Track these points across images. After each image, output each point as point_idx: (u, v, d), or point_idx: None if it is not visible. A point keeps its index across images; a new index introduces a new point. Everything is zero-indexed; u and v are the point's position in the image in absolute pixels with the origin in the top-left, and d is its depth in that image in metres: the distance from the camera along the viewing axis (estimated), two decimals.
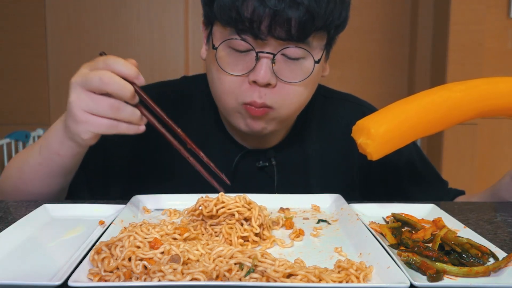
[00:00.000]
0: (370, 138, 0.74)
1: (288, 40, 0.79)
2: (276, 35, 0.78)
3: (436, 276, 0.52)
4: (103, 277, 0.51)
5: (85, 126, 0.71)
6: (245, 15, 0.77)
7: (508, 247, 0.64)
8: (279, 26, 0.77)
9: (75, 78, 0.72)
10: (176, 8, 2.47)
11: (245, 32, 0.78)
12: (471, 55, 2.26)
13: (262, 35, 0.78)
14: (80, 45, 2.46)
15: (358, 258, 0.59)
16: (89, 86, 0.70)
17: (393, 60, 2.56)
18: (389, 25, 2.51)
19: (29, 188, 0.85)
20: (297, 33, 0.78)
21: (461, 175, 2.30)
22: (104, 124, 0.71)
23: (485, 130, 2.34)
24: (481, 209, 0.83)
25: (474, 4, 2.23)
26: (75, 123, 0.72)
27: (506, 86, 0.79)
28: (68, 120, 0.73)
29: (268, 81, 0.80)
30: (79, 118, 0.71)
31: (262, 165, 0.96)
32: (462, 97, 0.77)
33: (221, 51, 0.82)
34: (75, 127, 0.72)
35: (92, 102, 0.70)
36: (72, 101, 0.71)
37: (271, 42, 0.79)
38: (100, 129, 0.72)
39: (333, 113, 1.03)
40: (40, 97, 2.49)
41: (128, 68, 0.71)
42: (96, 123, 0.71)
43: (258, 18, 0.76)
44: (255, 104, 0.83)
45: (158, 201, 0.80)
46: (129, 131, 0.72)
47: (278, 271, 0.50)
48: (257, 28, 0.77)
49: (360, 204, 0.79)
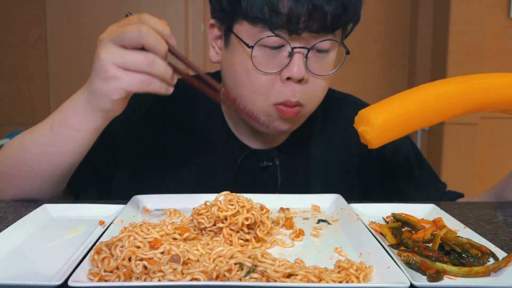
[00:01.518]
0: (369, 126, 0.74)
1: (320, 33, 0.79)
2: (312, 29, 0.78)
3: (436, 276, 0.52)
4: (103, 277, 0.51)
5: (117, 82, 0.67)
6: (281, 10, 0.76)
7: (508, 247, 0.64)
8: (316, 20, 0.77)
9: (105, 34, 0.68)
10: (176, 8, 2.47)
11: (280, 28, 0.78)
12: (471, 55, 2.26)
13: (298, 30, 0.77)
14: (80, 45, 2.46)
15: (358, 258, 0.59)
16: (123, 39, 0.66)
17: (393, 60, 2.56)
18: (389, 25, 2.51)
19: (33, 170, 0.80)
20: (330, 26, 0.79)
21: (461, 175, 2.30)
22: (138, 79, 0.67)
23: (485, 130, 2.34)
24: (481, 209, 0.83)
25: (474, 4, 2.23)
26: (105, 82, 0.67)
27: (505, 80, 0.80)
28: (96, 80, 0.69)
29: (303, 76, 0.80)
30: (110, 74, 0.66)
31: (265, 165, 0.96)
32: (461, 89, 0.78)
33: (254, 50, 0.81)
34: (104, 86, 0.67)
35: (127, 55, 0.66)
36: (102, 57, 0.66)
37: (305, 36, 0.79)
38: (133, 85, 0.67)
39: (335, 113, 1.03)
40: (40, 97, 2.49)
41: (163, 26, 0.68)
42: (130, 78, 0.66)
43: (296, 13, 0.76)
44: (289, 103, 0.82)
45: (158, 201, 0.80)
46: (161, 89, 0.68)
47: (278, 271, 0.50)
48: (295, 23, 0.77)
49: (360, 204, 0.79)
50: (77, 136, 0.76)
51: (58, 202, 0.79)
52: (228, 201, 0.65)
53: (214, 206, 0.65)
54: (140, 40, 0.65)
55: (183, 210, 0.78)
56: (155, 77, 0.67)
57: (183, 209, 0.78)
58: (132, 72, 0.66)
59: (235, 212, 0.64)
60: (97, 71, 0.68)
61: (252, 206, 0.66)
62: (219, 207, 0.65)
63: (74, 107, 0.74)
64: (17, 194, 0.84)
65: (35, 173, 0.80)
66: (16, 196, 0.84)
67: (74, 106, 0.75)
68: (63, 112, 0.76)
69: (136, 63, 0.66)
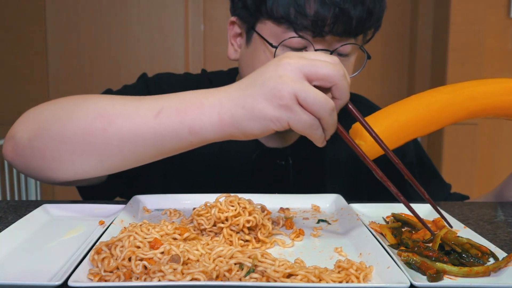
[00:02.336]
0: (363, 140, 0.75)
1: (344, 37, 0.79)
2: (336, 33, 0.78)
3: (436, 276, 0.52)
4: (103, 277, 0.51)
5: (287, 114, 0.59)
6: (307, 12, 0.76)
7: (508, 247, 0.64)
8: (341, 24, 0.77)
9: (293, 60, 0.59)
10: (176, 8, 2.47)
11: (304, 30, 0.77)
12: (471, 55, 2.26)
13: (323, 33, 0.77)
14: (80, 45, 2.46)
15: (358, 258, 0.59)
16: (317, 73, 0.59)
17: (393, 60, 2.56)
18: (389, 25, 2.51)
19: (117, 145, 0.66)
20: (354, 30, 0.79)
21: (461, 175, 2.30)
22: (309, 120, 0.59)
23: (485, 130, 2.34)
24: (481, 209, 0.83)
25: (474, 4, 2.23)
26: (273, 107, 0.59)
27: (494, 87, 0.81)
28: (264, 100, 0.59)
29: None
30: (285, 102, 0.58)
31: (279, 164, 0.97)
32: (450, 98, 0.78)
33: (277, 50, 0.79)
34: (270, 111, 0.59)
35: (311, 91, 0.58)
36: (286, 81, 0.58)
37: (328, 39, 0.79)
38: (300, 124, 0.59)
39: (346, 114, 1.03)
40: (40, 97, 2.49)
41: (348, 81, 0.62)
42: (301, 116, 0.58)
43: (322, 16, 0.76)
44: None
45: (158, 201, 0.80)
46: (320, 139, 0.62)
47: (278, 271, 0.50)
48: (320, 26, 0.76)
49: (360, 204, 0.79)
50: (189, 139, 0.65)
51: (58, 202, 0.79)
52: (229, 202, 0.65)
53: (214, 208, 0.65)
54: (334, 81, 0.59)
55: (183, 210, 0.78)
56: (323, 125, 0.61)
57: (183, 209, 0.78)
58: (306, 111, 0.59)
59: (236, 213, 0.64)
60: (271, 92, 0.59)
61: (254, 209, 0.66)
62: (220, 209, 0.65)
63: (202, 108, 0.63)
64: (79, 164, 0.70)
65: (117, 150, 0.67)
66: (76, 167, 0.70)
67: (202, 107, 0.63)
68: (183, 105, 0.64)
69: (318, 105, 0.58)
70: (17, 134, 0.73)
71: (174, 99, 0.65)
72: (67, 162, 0.70)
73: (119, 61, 2.48)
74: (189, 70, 2.50)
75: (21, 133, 0.72)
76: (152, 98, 0.67)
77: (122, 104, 0.68)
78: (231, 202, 0.65)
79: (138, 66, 2.48)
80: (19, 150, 0.73)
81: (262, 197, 0.78)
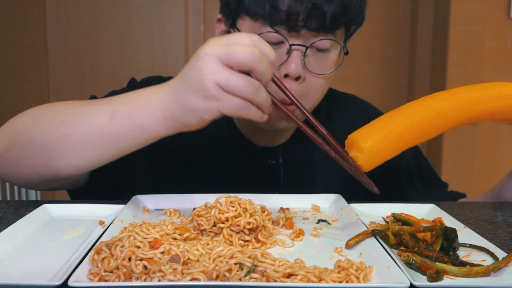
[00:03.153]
0: (359, 151, 0.75)
1: (320, 32, 0.80)
2: (311, 27, 0.79)
3: (436, 276, 0.52)
4: (103, 277, 0.51)
5: (216, 103, 0.62)
6: (281, 7, 0.77)
7: (508, 247, 0.64)
8: (315, 18, 0.78)
9: (210, 49, 0.62)
10: (176, 8, 2.47)
11: (279, 24, 0.79)
12: (471, 55, 2.26)
13: (297, 27, 0.78)
14: (80, 45, 2.46)
15: (358, 258, 0.59)
16: (231, 60, 0.61)
17: (393, 60, 2.56)
18: (389, 25, 2.51)
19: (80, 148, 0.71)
20: (330, 25, 0.79)
21: (461, 175, 2.30)
22: (237, 104, 0.62)
23: (485, 130, 2.34)
24: (481, 209, 0.83)
25: (474, 4, 2.23)
26: (202, 100, 0.62)
27: (490, 92, 0.80)
28: (191, 96, 0.63)
29: (300, 73, 0.80)
30: (210, 93, 0.61)
31: (269, 163, 0.97)
32: (445, 105, 0.78)
33: None
34: (200, 104, 0.62)
35: (233, 78, 0.61)
36: (206, 73, 0.61)
37: (303, 34, 0.80)
38: (231, 109, 0.62)
39: (339, 113, 1.04)
40: (40, 97, 2.49)
41: (272, 51, 0.64)
42: (229, 101, 0.61)
43: (295, 10, 0.77)
44: (286, 101, 0.81)
45: (158, 201, 0.80)
46: (256, 116, 0.64)
47: (278, 271, 0.50)
48: (293, 21, 0.78)
49: (360, 204, 0.79)
50: (143, 136, 0.70)
51: (58, 202, 0.79)
52: (230, 202, 0.65)
53: (214, 208, 0.65)
54: (250, 66, 0.61)
55: (183, 210, 0.78)
56: (254, 104, 0.63)
57: (183, 209, 0.78)
58: (233, 96, 0.62)
59: (237, 214, 0.64)
60: (195, 86, 0.62)
61: (255, 210, 0.66)
62: (220, 209, 0.65)
63: (147, 108, 0.68)
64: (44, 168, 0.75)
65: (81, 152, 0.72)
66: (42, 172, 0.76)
67: (147, 107, 0.68)
68: (132, 107, 0.69)
69: (241, 88, 0.61)
70: None
71: (124, 101, 0.71)
72: (39, 168, 0.75)
73: (119, 61, 2.48)
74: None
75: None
76: (107, 102, 0.72)
77: (81, 109, 0.73)
78: (231, 202, 0.65)
79: (138, 66, 2.48)
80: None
81: (262, 197, 0.78)
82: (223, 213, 0.64)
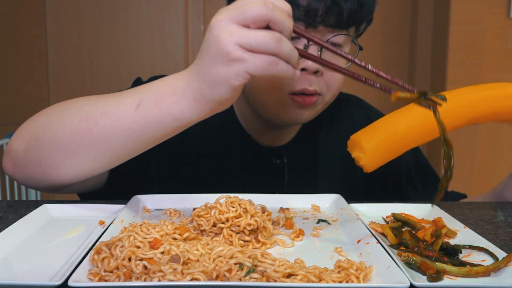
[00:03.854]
0: (362, 152, 0.75)
1: (337, 28, 0.82)
2: (328, 24, 0.80)
3: (436, 276, 0.52)
4: (103, 277, 0.51)
5: (243, 65, 0.59)
6: (300, 3, 0.78)
7: (508, 247, 0.64)
8: (333, 15, 0.80)
9: (221, 15, 0.60)
10: (176, 8, 2.47)
11: (297, 20, 0.80)
12: (471, 55, 2.26)
13: (316, 23, 0.80)
14: (80, 45, 2.46)
15: (358, 258, 0.59)
16: (247, 18, 0.59)
17: (393, 60, 2.56)
18: (389, 25, 2.51)
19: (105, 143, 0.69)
20: (346, 22, 0.81)
21: (461, 175, 2.30)
22: (264, 61, 0.59)
23: (485, 130, 2.34)
24: (481, 209, 0.83)
25: (474, 4, 2.23)
26: (228, 65, 0.60)
27: (492, 93, 0.80)
28: (214, 65, 0.61)
29: (318, 67, 0.82)
30: (234, 56, 0.59)
31: (274, 163, 0.97)
32: (448, 106, 0.78)
33: None
34: (227, 71, 0.60)
35: (251, 35, 0.58)
36: (224, 38, 0.59)
37: (320, 30, 0.81)
38: (259, 68, 0.59)
39: (341, 114, 1.05)
40: (40, 97, 2.49)
41: (286, 4, 0.62)
42: (256, 60, 0.59)
43: (314, 7, 0.78)
44: (307, 91, 0.84)
45: (158, 201, 0.80)
46: (288, 72, 0.61)
47: (278, 271, 0.50)
48: (312, 17, 0.79)
49: (360, 204, 0.79)
50: (174, 125, 0.67)
51: (58, 202, 0.79)
52: (230, 203, 0.65)
53: (214, 209, 0.65)
54: (266, 17, 0.59)
55: (183, 210, 0.78)
56: (282, 58, 0.60)
57: (183, 209, 0.78)
58: (258, 54, 0.59)
59: (237, 214, 0.64)
60: (217, 55, 0.60)
61: (256, 211, 0.66)
62: (220, 210, 0.65)
63: (176, 95, 0.65)
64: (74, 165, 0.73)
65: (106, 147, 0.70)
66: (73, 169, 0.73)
67: (175, 93, 0.65)
68: (158, 95, 0.67)
69: (263, 42, 0.58)
70: (13, 148, 0.76)
71: (150, 90, 0.68)
72: (63, 167, 0.72)
73: (119, 61, 2.48)
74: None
75: (17, 146, 0.75)
76: (130, 93, 0.69)
77: (103, 103, 0.70)
78: (231, 203, 0.65)
79: (138, 66, 2.48)
80: (17, 163, 0.76)
81: (262, 197, 0.78)
82: (223, 214, 0.64)
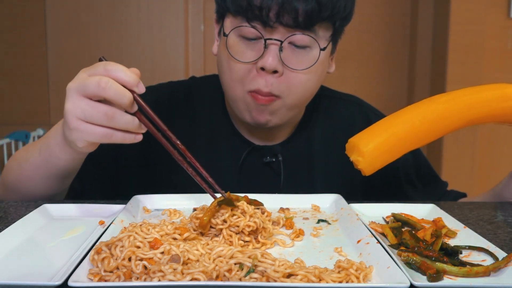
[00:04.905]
0: (360, 155, 0.75)
1: (296, 28, 0.82)
2: (284, 23, 0.81)
3: (436, 276, 0.52)
4: (103, 277, 0.51)
5: (79, 134, 0.67)
6: (254, 3, 0.80)
7: (508, 247, 0.64)
8: (287, 13, 0.80)
9: (72, 83, 0.68)
10: (176, 8, 2.47)
11: (255, 20, 0.82)
12: (471, 55, 2.26)
13: (270, 22, 0.81)
14: (80, 45, 2.46)
15: (358, 258, 0.59)
16: (86, 91, 0.66)
17: (393, 60, 2.56)
18: (389, 25, 2.51)
19: (27, 187, 0.85)
20: (303, 21, 0.81)
21: (461, 175, 2.30)
22: (98, 132, 0.67)
23: (485, 130, 2.34)
24: (481, 209, 0.83)
25: (474, 4, 2.23)
26: (69, 131, 0.68)
27: (491, 94, 0.80)
28: (64, 126, 0.71)
29: (275, 67, 0.82)
30: (72, 126, 0.67)
31: (268, 161, 0.98)
32: (447, 108, 0.78)
33: (231, 39, 0.85)
34: (69, 134, 0.69)
35: (87, 109, 0.66)
36: (67, 108, 0.67)
37: (279, 29, 0.82)
38: (93, 138, 0.67)
39: (338, 113, 1.04)
40: (40, 97, 2.49)
41: (128, 75, 0.67)
42: (90, 131, 0.67)
43: (267, 5, 0.80)
44: (261, 92, 0.85)
45: (158, 201, 0.80)
46: (124, 140, 0.68)
47: (278, 271, 0.50)
48: (265, 16, 0.80)
49: (360, 204, 0.79)
50: (59, 163, 0.79)
51: (58, 202, 0.79)
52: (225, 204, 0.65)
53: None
54: (100, 95, 0.65)
55: (183, 210, 0.78)
56: (118, 129, 0.67)
57: (183, 209, 0.78)
58: (93, 125, 0.66)
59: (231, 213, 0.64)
60: (64, 120, 0.69)
61: (254, 211, 0.66)
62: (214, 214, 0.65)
63: (55, 136, 0.77)
64: (23, 198, 0.88)
65: (32, 190, 0.85)
66: (23, 198, 0.88)
67: (55, 135, 0.77)
68: (49, 138, 0.79)
69: (96, 117, 0.66)
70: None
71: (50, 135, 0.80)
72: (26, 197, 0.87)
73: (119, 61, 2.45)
74: (189, 70, 2.50)
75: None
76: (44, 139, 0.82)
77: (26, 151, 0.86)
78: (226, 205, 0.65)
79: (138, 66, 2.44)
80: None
81: (262, 197, 0.78)
82: (218, 217, 0.64)
